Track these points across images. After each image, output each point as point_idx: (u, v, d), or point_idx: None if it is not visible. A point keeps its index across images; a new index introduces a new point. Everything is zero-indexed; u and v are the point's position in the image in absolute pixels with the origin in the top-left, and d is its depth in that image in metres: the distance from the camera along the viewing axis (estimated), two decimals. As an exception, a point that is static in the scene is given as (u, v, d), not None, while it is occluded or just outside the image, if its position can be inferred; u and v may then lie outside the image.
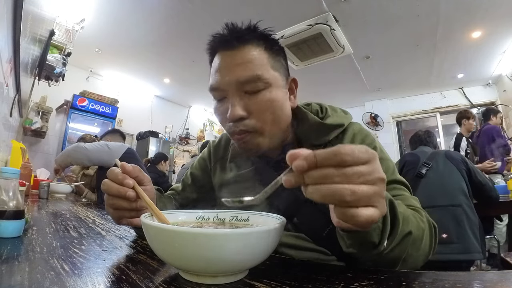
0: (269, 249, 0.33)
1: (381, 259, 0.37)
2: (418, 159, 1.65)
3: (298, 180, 0.28)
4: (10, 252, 0.42)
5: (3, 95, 1.57)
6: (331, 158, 0.26)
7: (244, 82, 0.50)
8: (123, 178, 0.43)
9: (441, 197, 1.46)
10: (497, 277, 0.34)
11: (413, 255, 0.40)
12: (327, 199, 0.26)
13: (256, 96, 0.51)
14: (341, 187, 0.26)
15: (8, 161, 1.84)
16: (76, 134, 3.77)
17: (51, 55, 2.70)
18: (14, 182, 0.53)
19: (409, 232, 0.38)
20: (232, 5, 2.64)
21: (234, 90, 0.51)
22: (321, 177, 0.26)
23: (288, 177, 0.28)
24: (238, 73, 0.50)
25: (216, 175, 0.68)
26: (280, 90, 0.53)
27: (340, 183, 0.26)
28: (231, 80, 0.51)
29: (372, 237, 0.34)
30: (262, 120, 0.52)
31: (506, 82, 3.91)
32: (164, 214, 0.41)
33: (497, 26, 2.86)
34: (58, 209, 1.06)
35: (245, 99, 0.51)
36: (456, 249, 1.35)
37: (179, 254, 0.30)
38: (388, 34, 3.06)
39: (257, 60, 0.51)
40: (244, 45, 0.52)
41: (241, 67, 0.50)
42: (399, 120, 5.19)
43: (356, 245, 0.35)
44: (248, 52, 0.51)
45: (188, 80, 4.49)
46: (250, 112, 0.51)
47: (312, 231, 0.53)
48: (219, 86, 0.52)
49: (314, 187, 0.27)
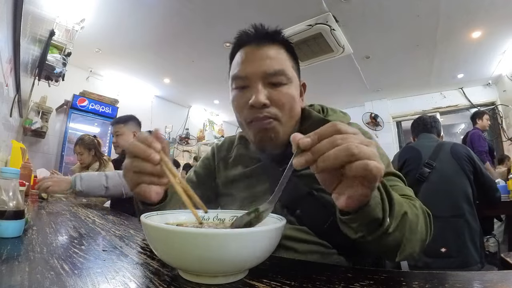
0: (269, 249, 0.33)
1: (384, 241, 0.39)
2: (420, 155, 1.51)
3: (307, 158, 0.31)
4: (10, 252, 0.42)
5: (3, 95, 1.57)
6: (328, 129, 0.31)
7: (272, 74, 0.55)
8: (152, 141, 0.41)
9: (444, 207, 1.38)
10: (497, 277, 0.34)
11: (411, 239, 0.42)
12: (338, 159, 0.30)
13: (278, 88, 0.56)
14: (346, 145, 0.30)
15: (8, 161, 1.84)
16: (76, 134, 3.77)
17: (51, 55, 2.70)
18: (14, 182, 0.53)
19: (405, 212, 0.41)
20: (232, 5, 2.64)
21: (259, 80, 0.56)
22: (327, 144, 0.30)
23: (297, 159, 0.31)
24: (266, 66, 0.55)
25: (220, 172, 0.72)
26: (296, 89, 0.60)
27: (343, 143, 0.30)
28: (258, 70, 0.55)
29: (376, 213, 0.37)
30: (282, 111, 0.56)
31: (506, 82, 3.90)
32: (164, 214, 0.41)
33: (497, 26, 2.85)
34: (58, 209, 1.06)
35: (268, 90, 0.56)
36: (455, 263, 1.32)
37: (179, 254, 0.30)
38: (388, 34, 3.06)
39: (283, 58, 0.58)
40: (272, 44, 0.58)
41: (269, 61, 0.56)
42: (399, 120, 5.18)
43: (363, 226, 0.38)
44: (275, 50, 0.58)
45: (188, 80, 4.49)
46: (272, 102, 0.55)
47: (314, 223, 0.55)
48: (246, 75, 0.57)
49: (325, 155, 0.30)
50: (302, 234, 0.55)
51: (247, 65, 0.57)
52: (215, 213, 0.44)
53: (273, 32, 0.59)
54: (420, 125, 1.72)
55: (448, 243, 1.34)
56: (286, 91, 0.56)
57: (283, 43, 0.60)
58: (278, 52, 0.58)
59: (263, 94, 0.55)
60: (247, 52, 0.58)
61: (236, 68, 0.58)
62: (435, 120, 1.72)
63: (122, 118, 1.92)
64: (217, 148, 0.75)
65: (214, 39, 3.20)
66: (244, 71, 0.57)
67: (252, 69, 0.56)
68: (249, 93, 0.56)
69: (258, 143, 0.60)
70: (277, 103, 0.56)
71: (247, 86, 0.57)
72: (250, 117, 0.57)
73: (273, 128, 0.56)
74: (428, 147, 1.53)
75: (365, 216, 0.37)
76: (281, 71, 0.56)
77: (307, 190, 0.56)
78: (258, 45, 0.57)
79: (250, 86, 0.57)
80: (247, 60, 0.57)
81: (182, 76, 4.33)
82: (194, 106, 5.86)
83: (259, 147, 0.62)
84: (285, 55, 0.59)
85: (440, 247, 1.34)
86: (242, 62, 0.58)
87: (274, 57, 0.56)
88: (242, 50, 0.59)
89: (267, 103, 0.55)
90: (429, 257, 1.34)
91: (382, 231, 0.38)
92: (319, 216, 0.55)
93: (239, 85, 0.58)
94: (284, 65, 0.57)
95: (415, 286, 0.30)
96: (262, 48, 0.57)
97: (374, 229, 0.38)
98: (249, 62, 0.57)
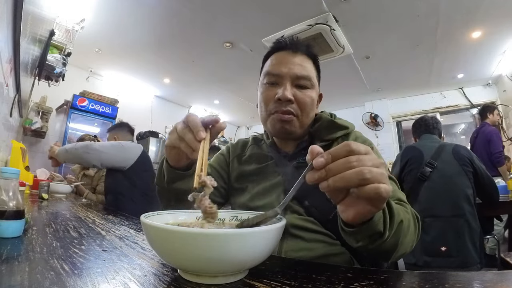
0: (269, 249, 0.33)
1: (382, 247, 0.42)
2: (421, 155, 1.52)
3: (320, 175, 0.33)
4: (10, 252, 0.42)
5: (3, 95, 1.57)
6: (342, 150, 0.33)
7: (300, 77, 0.65)
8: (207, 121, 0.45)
9: (444, 206, 1.39)
10: (497, 277, 0.34)
11: (403, 242, 0.46)
12: (351, 182, 0.32)
13: (303, 91, 0.66)
14: (360, 168, 0.31)
15: (8, 161, 1.84)
16: (76, 134, 3.77)
17: (51, 55, 2.70)
18: (14, 182, 0.53)
19: (401, 220, 0.44)
20: (232, 5, 2.64)
21: (289, 80, 0.65)
22: (341, 165, 0.32)
23: (311, 174, 0.34)
24: (297, 69, 0.65)
25: (234, 167, 0.78)
26: (316, 95, 0.69)
27: (357, 166, 0.31)
28: (290, 72, 0.65)
29: (379, 227, 0.39)
30: (302, 110, 0.65)
31: (506, 82, 3.90)
32: (164, 214, 0.41)
33: (497, 26, 2.85)
34: (58, 209, 1.06)
35: (295, 90, 0.65)
36: (455, 263, 1.33)
37: (179, 254, 0.30)
38: (388, 34, 3.06)
39: (310, 67, 0.69)
40: (304, 53, 0.69)
41: (300, 66, 0.66)
42: (399, 120, 5.18)
43: (366, 238, 0.40)
44: (306, 58, 0.68)
45: (188, 80, 4.49)
46: (296, 100, 0.64)
47: (320, 214, 0.61)
48: (279, 73, 0.66)
49: (337, 176, 0.32)
50: (309, 224, 0.60)
51: (281, 65, 0.66)
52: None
53: (307, 45, 0.71)
54: (422, 126, 1.73)
55: (448, 243, 1.35)
56: (310, 94, 0.66)
57: (312, 56, 0.70)
58: (308, 62, 0.68)
59: (290, 92, 0.64)
60: (283, 55, 0.68)
61: (271, 66, 0.68)
62: (436, 121, 1.72)
63: (116, 125, 2.18)
64: (232, 147, 0.83)
65: (214, 39, 3.19)
66: (278, 70, 0.66)
67: (285, 69, 0.65)
68: (277, 89, 0.65)
69: (276, 132, 0.68)
70: (300, 102, 0.65)
71: (276, 83, 0.66)
72: (274, 109, 0.65)
73: (291, 122, 0.65)
74: (430, 148, 1.54)
75: (368, 229, 0.39)
76: (308, 76, 0.66)
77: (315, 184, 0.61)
78: (294, 52, 0.68)
79: (279, 83, 0.66)
80: (282, 61, 0.67)
81: (182, 76, 4.33)
82: (194, 106, 5.85)
83: (276, 135, 0.71)
84: (312, 66, 0.69)
85: (440, 246, 1.35)
86: (277, 62, 0.67)
87: (305, 65, 0.67)
88: (279, 53, 0.69)
89: (292, 99, 0.64)
90: (429, 256, 1.36)
91: (381, 242, 0.41)
92: (325, 208, 0.60)
93: (270, 81, 0.67)
94: (311, 73, 0.67)
95: (415, 286, 0.30)
96: (297, 55, 0.67)
97: (374, 241, 0.41)
98: (284, 63, 0.66)
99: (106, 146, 1.66)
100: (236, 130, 7.09)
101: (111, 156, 1.65)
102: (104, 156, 1.61)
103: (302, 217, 0.61)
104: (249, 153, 0.77)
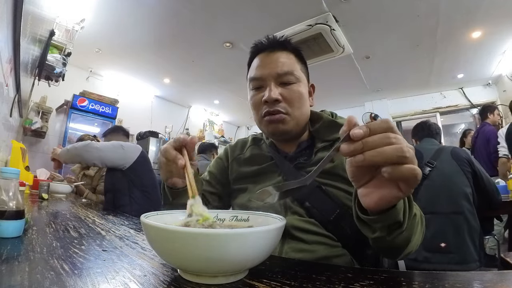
0: (269, 249, 0.33)
1: (395, 241, 0.41)
2: (421, 156, 1.54)
3: (356, 147, 0.31)
4: (10, 252, 0.42)
5: (3, 95, 1.57)
6: (381, 125, 0.31)
7: (282, 74, 0.64)
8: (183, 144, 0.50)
9: (443, 203, 1.40)
10: (497, 277, 0.34)
11: (413, 238, 0.44)
12: (389, 158, 0.30)
13: (288, 87, 0.65)
14: (400, 146, 0.30)
15: (8, 161, 1.84)
16: (76, 134, 3.77)
17: (51, 55, 2.70)
18: (14, 182, 0.53)
19: (415, 214, 0.42)
20: (232, 6, 2.63)
21: (272, 80, 0.64)
22: (379, 139, 0.30)
23: (346, 145, 0.32)
24: (278, 68, 0.64)
25: (233, 170, 0.78)
26: (305, 88, 0.68)
27: (396, 144, 0.30)
28: (271, 72, 0.64)
29: (400, 216, 0.38)
30: (292, 106, 0.64)
31: (506, 82, 3.90)
32: (164, 214, 0.41)
33: (497, 26, 2.85)
34: (58, 209, 1.06)
35: (280, 88, 0.64)
36: (454, 259, 1.34)
37: (179, 254, 0.30)
38: (388, 34, 3.06)
39: (291, 61, 0.67)
40: (283, 50, 0.67)
41: (280, 64, 0.65)
42: (399, 120, 5.18)
43: (385, 228, 0.39)
44: (285, 55, 0.67)
45: (188, 80, 4.49)
46: (283, 98, 0.64)
47: (321, 215, 0.60)
48: (261, 76, 0.65)
49: (376, 150, 0.30)
50: (310, 226, 0.60)
51: (262, 68, 0.66)
52: (215, 213, 0.44)
53: (283, 40, 0.69)
54: (425, 129, 1.76)
55: (448, 239, 1.36)
56: (296, 88, 0.65)
57: (292, 49, 0.69)
58: (288, 57, 0.67)
59: (275, 91, 0.63)
60: (262, 57, 0.68)
61: (253, 71, 0.68)
62: (439, 128, 1.78)
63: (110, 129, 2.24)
64: (231, 149, 0.82)
65: (214, 39, 3.19)
66: (259, 73, 0.66)
67: (266, 71, 0.65)
68: (263, 92, 0.65)
69: (271, 135, 0.68)
70: (287, 99, 0.64)
71: (262, 86, 0.66)
72: (264, 112, 0.64)
73: (283, 121, 0.64)
74: (430, 150, 1.58)
75: (390, 218, 0.37)
76: (289, 71, 0.64)
77: (316, 184, 0.61)
78: (271, 51, 0.67)
79: (264, 86, 0.65)
80: (261, 64, 0.66)
81: (182, 76, 4.33)
82: (194, 106, 5.85)
83: (272, 137, 0.71)
84: (294, 59, 0.68)
85: (440, 242, 1.37)
86: (257, 66, 0.67)
87: (284, 61, 0.65)
88: (258, 57, 0.69)
89: (279, 99, 0.63)
90: (429, 251, 1.37)
91: (399, 231, 0.39)
92: (326, 209, 0.60)
93: (256, 85, 0.67)
94: (293, 67, 0.65)
95: (415, 286, 0.30)
96: (275, 54, 0.66)
97: (392, 231, 0.39)
98: (264, 65, 0.66)
99: (106, 145, 1.71)
100: (236, 130, 7.09)
101: (111, 154, 1.68)
102: (104, 154, 1.64)
103: (303, 218, 0.61)
104: (248, 153, 0.77)
